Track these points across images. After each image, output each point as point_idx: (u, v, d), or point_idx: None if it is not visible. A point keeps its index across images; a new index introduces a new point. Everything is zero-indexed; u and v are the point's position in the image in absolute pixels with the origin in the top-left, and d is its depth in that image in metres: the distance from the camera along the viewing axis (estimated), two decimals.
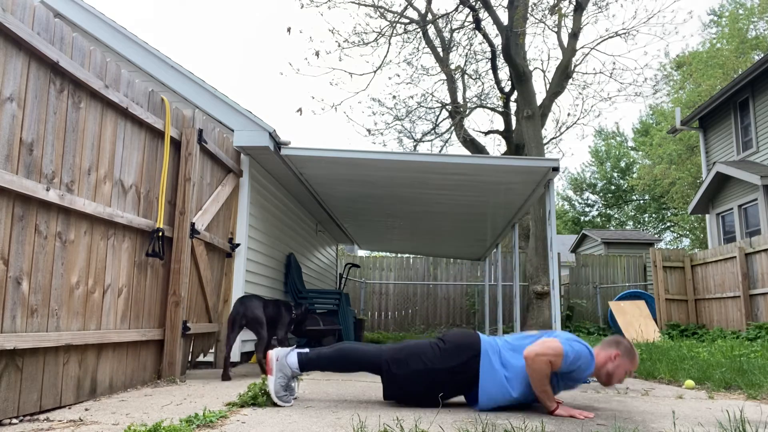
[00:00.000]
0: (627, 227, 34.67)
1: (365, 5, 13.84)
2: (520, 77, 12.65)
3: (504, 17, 13.28)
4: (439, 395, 2.95)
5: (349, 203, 7.81)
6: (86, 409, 2.77)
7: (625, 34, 14.58)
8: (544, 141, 15.07)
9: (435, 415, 2.74)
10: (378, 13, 14.01)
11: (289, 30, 12.39)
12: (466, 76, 16.75)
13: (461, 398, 3.39)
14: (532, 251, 11.96)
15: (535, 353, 2.84)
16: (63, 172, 2.91)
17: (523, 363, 2.92)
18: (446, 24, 15.55)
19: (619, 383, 3.13)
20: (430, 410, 2.89)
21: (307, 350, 3.11)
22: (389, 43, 14.45)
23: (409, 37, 15.62)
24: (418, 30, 15.19)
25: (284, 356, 3.04)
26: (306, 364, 3.06)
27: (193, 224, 4.22)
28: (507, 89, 15.98)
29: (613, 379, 3.06)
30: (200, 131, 4.35)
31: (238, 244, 5.30)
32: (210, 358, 5.00)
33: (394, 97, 21.98)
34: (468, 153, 15.64)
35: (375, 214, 8.46)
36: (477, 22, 14.24)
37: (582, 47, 14.84)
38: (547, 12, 14.09)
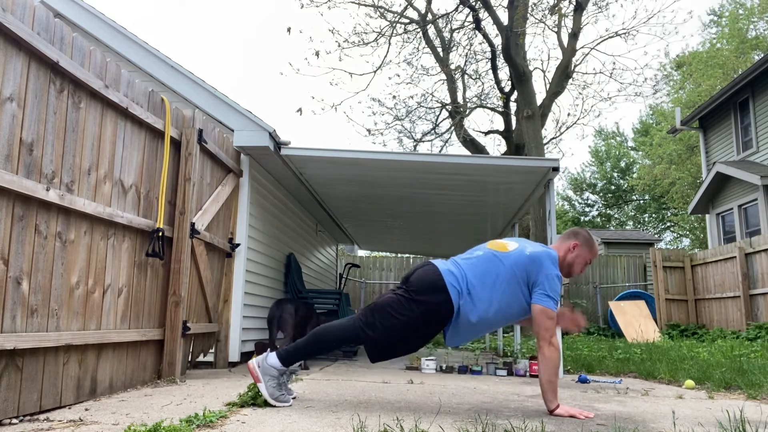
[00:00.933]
0: (627, 227, 34.66)
1: (365, 5, 13.85)
2: (520, 77, 12.65)
3: (504, 17, 13.29)
4: (423, 338, 2.98)
5: (349, 203, 7.81)
6: (86, 409, 2.77)
7: (625, 34, 14.60)
8: (544, 141, 15.08)
9: (435, 416, 2.74)
10: (378, 13, 14.03)
11: (289, 30, 12.41)
12: (466, 76, 16.76)
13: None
14: None
15: (548, 343, 2.85)
16: (63, 172, 2.91)
17: (481, 265, 2.96)
18: (446, 24, 15.56)
19: (579, 274, 3.18)
20: (430, 410, 2.90)
21: (285, 347, 3.08)
22: (389, 43, 14.48)
23: (409, 37, 15.63)
24: (418, 30, 15.19)
25: (263, 359, 2.99)
26: (286, 358, 2.99)
27: (193, 224, 4.22)
28: (507, 89, 15.99)
29: (574, 270, 3.13)
30: (200, 131, 4.35)
31: (238, 244, 5.30)
32: (210, 358, 5.00)
33: (394, 97, 22.02)
34: (468, 153, 15.65)
35: (375, 214, 8.46)
36: (477, 22, 14.24)
37: (582, 47, 14.85)
38: (547, 12, 14.10)
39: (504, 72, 15.68)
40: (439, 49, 15.96)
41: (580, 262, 3.13)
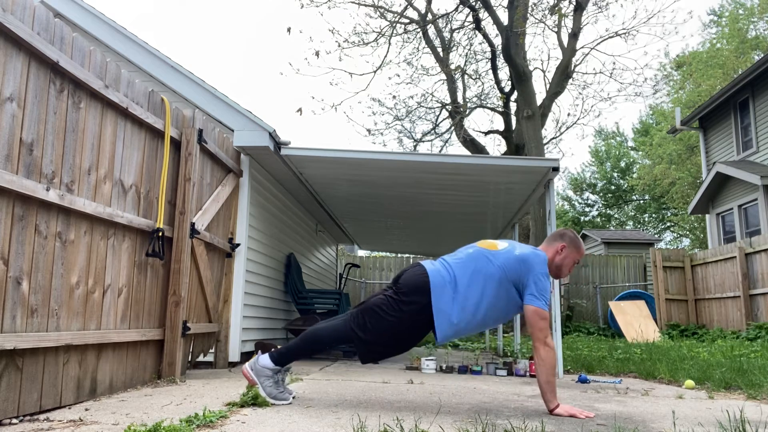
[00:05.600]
0: (627, 227, 34.65)
1: (365, 5, 13.86)
2: (520, 77, 12.65)
3: (504, 17, 13.29)
4: (412, 339, 3.00)
5: (349, 203, 7.81)
6: (86, 409, 2.77)
7: (625, 34, 14.61)
8: (544, 141, 15.10)
9: (435, 416, 2.74)
10: (378, 13, 14.03)
11: (289, 30, 12.41)
12: (466, 76, 16.76)
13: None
14: None
15: (543, 344, 2.86)
16: (63, 172, 2.91)
17: (467, 273, 2.97)
18: (446, 24, 15.57)
19: (567, 275, 3.21)
20: (430, 410, 2.90)
21: (278, 347, 3.10)
22: (389, 43, 14.49)
23: (409, 37, 15.63)
24: (418, 30, 15.20)
25: (255, 362, 3.01)
26: (279, 359, 3.01)
27: (193, 224, 4.22)
28: (507, 89, 15.99)
29: (562, 271, 3.16)
30: (200, 131, 4.35)
31: (238, 244, 5.30)
32: (210, 358, 5.00)
33: (394, 97, 22.01)
34: (468, 153, 15.65)
35: (375, 214, 8.46)
36: (477, 22, 14.25)
37: (582, 47, 14.86)
38: (547, 12, 14.11)
39: (504, 72, 15.69)
40: (439, 49, 15.96)
41: (569, 263, 3.16)
